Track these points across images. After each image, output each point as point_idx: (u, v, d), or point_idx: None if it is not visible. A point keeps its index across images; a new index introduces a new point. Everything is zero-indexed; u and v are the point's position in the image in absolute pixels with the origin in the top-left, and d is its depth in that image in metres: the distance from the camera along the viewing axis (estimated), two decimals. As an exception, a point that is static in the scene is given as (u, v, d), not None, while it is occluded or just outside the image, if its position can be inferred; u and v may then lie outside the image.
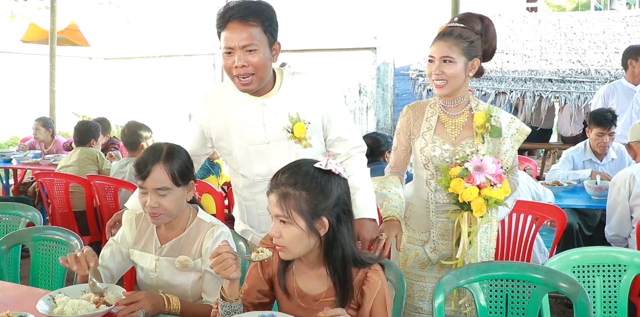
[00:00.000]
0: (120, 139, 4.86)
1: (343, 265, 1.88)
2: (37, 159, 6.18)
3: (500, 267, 2.27)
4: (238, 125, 2.44)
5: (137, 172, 2.22)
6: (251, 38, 2.22)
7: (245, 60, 2.24)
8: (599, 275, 2.41)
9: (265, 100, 2.41)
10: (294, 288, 1.98)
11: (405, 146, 2.71)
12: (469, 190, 2.32)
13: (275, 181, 1.86)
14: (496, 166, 2.33)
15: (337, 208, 1.86)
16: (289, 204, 1.80)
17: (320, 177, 1.84)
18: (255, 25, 2.22)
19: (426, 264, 2.66)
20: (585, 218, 4.53)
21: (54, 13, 7.77)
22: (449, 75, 2.49)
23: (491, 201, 2.33)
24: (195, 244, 2.30)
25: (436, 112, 2.64)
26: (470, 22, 2.52)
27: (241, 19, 2.21)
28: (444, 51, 2.49)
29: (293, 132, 2.38)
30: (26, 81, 12.87)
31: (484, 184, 2.32)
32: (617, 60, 8.93)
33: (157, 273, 2.32)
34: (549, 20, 10.79)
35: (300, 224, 1.81)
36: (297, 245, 1.85)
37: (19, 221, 3.25)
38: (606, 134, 4.71)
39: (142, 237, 2.38)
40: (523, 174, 3.98)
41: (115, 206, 4.44)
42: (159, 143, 2.33)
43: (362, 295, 1.90)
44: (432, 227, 2.64)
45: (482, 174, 2.31)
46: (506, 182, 2.37)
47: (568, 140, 8.57)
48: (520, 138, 2.61)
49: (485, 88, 8.69)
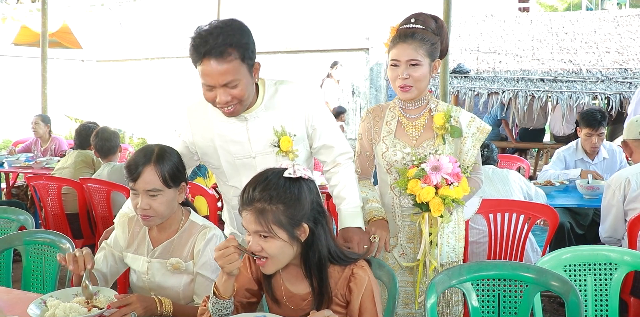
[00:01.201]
0: (93, 145, 4.86)
1: (319, 268, 1.88)
2: (29, 162, 6.17)
3: (492, 266, 2.27)
4: (223, 141, 2.41)
5: (128, 174, 2.22)
6: (231, 74, 2.13)
7: (227, 95, 2.17)
8: (590, 273, 2.42)
9: (248, 115, 2.35)
10: (281, 289, 1.99)
11: (368, 151, 2.67)
12: (425, 190, 2.30)
13: (248, 197, 1.83)
14: (453, 165, 2.31)
15: (313, 211, 1.87)
16: (268, 219, 1.79)
17: (292, 186, 1.83)
18: (232, 60, 2.11)
19: (396, 268, 2.63)
20: (577, 217, 4.56)
21: (46, 15, 7.74)
22: (415, 78, 2.45)
23: (448, 199, 2.31)
24: (187, 246, 2.30)
25: (396, 116, 2.62)
26: (427, 22, 2.48)
27: (217, 55, 2.09)
28: (409, 54, 2.43)
29: (280, 147, 2.36)
30: (18, 84, 12.84)
31: (441, 183, 2.31)
32: (608, 60, 8.98)
33: (149, 275, 2.32)
34: (541, 21, 10.84)
35: (281, 236, 1.81)
36: (280, 256, 1.85)
37: (10, 224, 3.24)
38: (594, 135, 4.74)
39: (135, 240, 2.38)
40: (516, 173, 3.99)
41: (107, 208, 4.43)
42: (150, 145, 2.32)
43: (349, 291, 1.91)
44: (399, 232, 2.63)
45: (438, 173, 2.30)
46: (465, 180, 2.35)
47: (561, 140, 8.61)
48: (482, 137, 2.58)
49: (478, 88, 8.71)
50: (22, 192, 6.18)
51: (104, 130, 4.88)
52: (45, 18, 7.73)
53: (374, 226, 2.43)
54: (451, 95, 8.60)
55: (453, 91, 8.69)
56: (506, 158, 6.00)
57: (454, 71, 8.92)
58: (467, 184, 2.36)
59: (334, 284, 1.92)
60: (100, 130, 4.89)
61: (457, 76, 8.95)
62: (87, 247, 2.13)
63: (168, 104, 13.80)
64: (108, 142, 4.79)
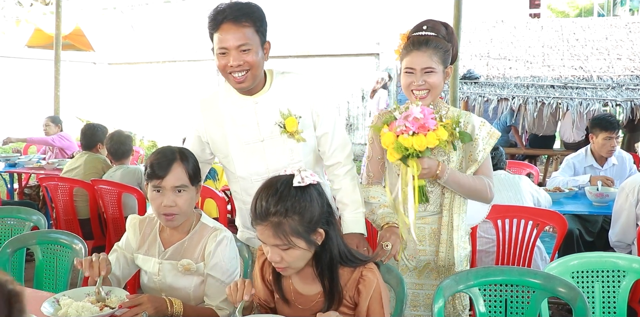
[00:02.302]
0: (107, 148, 4.90)
1: (330, 268, 1.91)
2: (42, 163, 6.23)
3: (500, 272, 2.28)
4: (232, 125, 2.51)
5: (156, 172, 2.23)
6: (245, 38, 2.30)
7: (239, 59, 2.32)
8: (598, 280, 2.43)
9: (257, 98, 2.48)
10: (290, 290, 2.01)
11: (380, 155, 2.67)
12: (386, 135, 2.30)
13: (261, 210, 1.84)
14: (425, 116, 2.25)
15: (325, 214, 1.90)
16: (286, 232, 1.81)
17: (304, 195, 1.85)
18: (248, 26, 2.30)
19: (405, 271, 2.65)
20: (586, 224, 4.55)
21: (59, 18, 7.80)
22: (431, 84, 2.46)
23: (398, 145, 2.26)
24: (198, 248, 2.32)
25: None
26: (438, 29, 2.51)
27: (234, 20, 2.28)
28: (425, 62, 2.45)
29: (285, 127, 2.44)
30: (31, 86, 12.94)
31: (402, 131, 2.26)
32: (619, 67, 8.95)
33: (160, 277, 2.34)
34: (552, 27, 10.81)
35: (301, 246, 1.84)
36: (299, 261, 1.89)
37: (23, 224, 3.28)
38: (614, 138, 4.76)
39: (146, 242, 2.40)
40: (527, 180, 4.00)
41: (118, 210, 4.47)
42: (167, 146, 2.36)
43: (358, 293, 1.93)
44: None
45: (404, 121, 2.26)
46: (433, 134, 2.25)
47: (571, 147, 8.58)
48: (492, 142, 2.57)
49: (488, 94, 8.70)
50: (34, 193, 6.23)
51: (118, 134, 4.92)
52: (58, 21, 7.80)
53: (389, 232, 2.43)
54: (461, 101, 8.60)
55: (463, 97, 8.68)
56: (515, 165, 5.99)
57: (463, 77, 8.92)
58: (435, 138, 2.25)
59: (343, 286, 1.94)
60: (115, 133, 4.93)
61: (467, 82, 8.95)
62: (103, 253, 2.16)
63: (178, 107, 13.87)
64: (122, 146, 4.85)
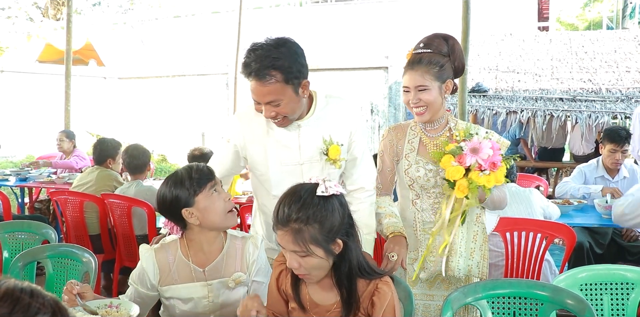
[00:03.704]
0: (122, 161, 4.91)
1: (349, 278, 1.92)
2: (52, 177, 6.27)
3: (508, 284, 2.28)
4: (275, 145, 2.53)
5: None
6: (272, 95, 2.29)
7: (271, 111, 2.34)
8: (607, 293, 2.42)
9: (301, 122, 2.50)
10: (306, 300, 2.02)
11: (390, 167, 2.72)
12: (455, 169, 2.30)
13: (283, 217, 1.87)
14: (494, 152, 2.28)
15: (345, 225, 1.91)
16: (305, 239, 1.83)
17: (326, 205, 1.87)
18: (274, 82, 2.26)
19: (416, 282, 2.67)
20: (596, 236, 4.53)
21: (70, 33, 7.86)
22: (426, 101, 2.51)
23: (473, 185, 2.29)
24: (237, 259, 2.31)
25: (417, 134, 2.67)
26: (435, 45, 2.53)
27: (259, 78, 2.25)
28: (417, 81, 2.50)
29: (328, 154, 2.48)
30: (42, 100, 13.05)
31: (473, 167, 2.29)
32: (628, 79, 8.94)
33: (210, 298, 2.28)
34: (560, 40, 10.83)
35: (319, 254, 1.85)
36: (318, 270, 1.91)
37: (34, 238, 3.31)
38: (619, 151, 4.75)
39: (171, 270, 2.29)
40: (538, 194, 4.00)
41: (129, 224, 4.49)
42: (197, 163, 2.33)
43: (372, 305, 1.94)
44: (420, 246, 2.67)
45: (474, 156, 2.28)
46: (502, 171, 2.30)
47: (580, 159, 8.56)
48: (502, 150, 2.61)
49: (496, 107, 8.70)
50: (45, 207, 6.26)
51: (133, 148, 4.89)
52: (69, 36, 7.87)
53: (392, 242, 2.45)
54: (469, 114, 8.60)
55: (471, 110, 8.69)
56: (525, 177, 5.98)
57: (472, 90, 8.93)
58: (502, 176, 2.31)
59: (358, 297, 1.95)
60: (131, 147, 4.91)
61: (475, 95, 8.96)
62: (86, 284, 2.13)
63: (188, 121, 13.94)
64: (135, 160, 4.79)
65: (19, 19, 18.93)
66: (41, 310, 1.03)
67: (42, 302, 1.04)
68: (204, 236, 2.28)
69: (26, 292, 1.04)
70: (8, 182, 6.43)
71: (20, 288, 1.04)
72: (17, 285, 1.04)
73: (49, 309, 1.04)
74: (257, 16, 14.41)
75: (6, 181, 6.46)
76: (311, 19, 14.76)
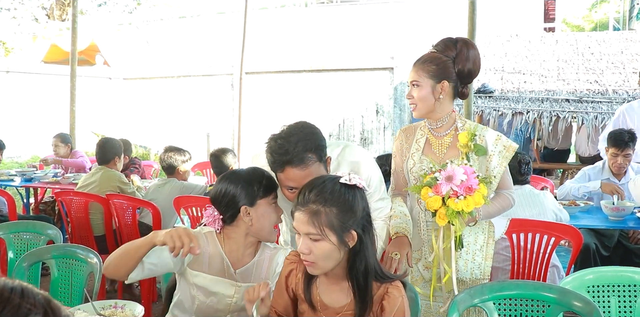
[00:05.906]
0: (160, 163, 5.01)
1: (365, 277, 1.91)
2: (57, 178, 6.27)
3: (514, 286, 2.27)
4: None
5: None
6: (312, 175, 2.22)
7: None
8: (614, 295, 2.41)
9: None
10: (317, 301, 2.01)
11: (402, 168, 2.77)
12: (432, 199, 2.34)
13: (303, 198, 1.90)
14: (468, 176, 2.30)
15: (363, 219, 1.91)
16: (321, 221, 1.84)
17: (346, 193, 1.89)
18: (312, 163, 2.25)
19: (420, 281, 2.71)
20: (602, 238, 4.52)
21: (75, 34, 7.87)
22: (416, 98, 2.59)
23: (450, 211, 2.31)
24: (265, 267, 2.34)
25: (425, 134, 2.72)
26: (442, 46, 2.61)
27: (299, 163, 2.22)
28: (412, 76, 2.61)
29: None
30: (47, 101, 13.07)
31: (448, 194, 2.32)
32: (635, 81, 8.90)
33: (235, 299, 2.30)
34: (567, 41, 10.79)
35: (332, 239, 1.85)
36: (327, 260, 1.89)
37: (39, 239, 3.31)
38: (620, 155, 4.73)
39: (205, 258, 2.30)
40: (551, 197, 4.02)
41: (133, 225, 4.49)
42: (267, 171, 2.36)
43: (382, 309, 1.93)
44: (424, 246, 2.70)
45: (449, 184, 2.31)
46: (481, 192, 2.32)
47: (586, 161, 8.53)
48: (508, 155, 2.61)
49: (502, 108, 8.68)
50: (49, 208, 6.26)
51: (168, 149, 5.03)
52: (74, 36, 7.88)
53: (394, 242, 2.48)
54: (475, 115, 8.59)
55: (477, 111, 8.68)
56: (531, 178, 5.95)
57: (478, 91, 8.91)
58: (480, 198, 2.33)
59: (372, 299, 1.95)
60: (167, 148, 5.06)
61: (481, 96, 8.94)
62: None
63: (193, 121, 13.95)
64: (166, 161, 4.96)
65: (24, 19, 19.00)
66: (32, 311, 1.00)
67: (32, 303, 1.00)
68: (244, 238, 2.31)
69: (16, 292, 1.00)
70: (13, 182, 6.43)
71: (10, 288, 1.00)
72: (6, 284, 1.02)
73: (40, 309, 1.01)
74: (263, 17, 14.40)
75: (11, 181, 6.47)
76: (317, 20, 14.74)
